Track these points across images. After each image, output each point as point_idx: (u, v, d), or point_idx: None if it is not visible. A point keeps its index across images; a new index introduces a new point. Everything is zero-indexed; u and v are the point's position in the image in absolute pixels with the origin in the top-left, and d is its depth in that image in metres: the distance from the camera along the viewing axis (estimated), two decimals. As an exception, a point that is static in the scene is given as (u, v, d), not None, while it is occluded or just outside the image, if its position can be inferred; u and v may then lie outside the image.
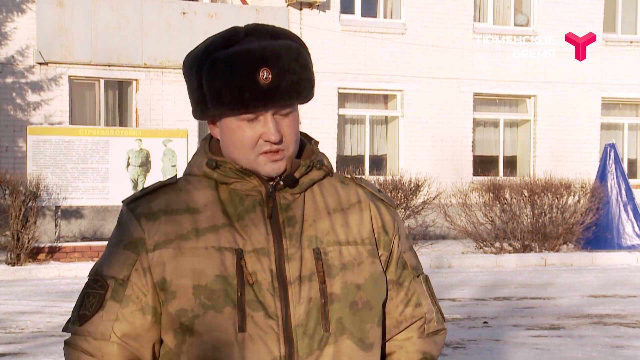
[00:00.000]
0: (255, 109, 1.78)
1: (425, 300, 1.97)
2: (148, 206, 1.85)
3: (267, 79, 1.76)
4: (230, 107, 1.78)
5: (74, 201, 14.97)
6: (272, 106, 1.79)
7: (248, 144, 1.81)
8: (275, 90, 1.77)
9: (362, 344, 1.84)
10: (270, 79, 1.76)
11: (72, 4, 17.43)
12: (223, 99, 1.77)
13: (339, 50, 19.30)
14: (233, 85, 1.76)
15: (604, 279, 13.47)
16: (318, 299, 1.80)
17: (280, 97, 1.78)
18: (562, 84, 20.92)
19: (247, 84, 1.76)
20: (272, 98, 1.77)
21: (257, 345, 1.76)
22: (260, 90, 1.76)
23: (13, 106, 17.40)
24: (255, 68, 1.76)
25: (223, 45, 1.80)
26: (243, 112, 1.78)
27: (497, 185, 16.28)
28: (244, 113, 1.79)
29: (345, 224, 1.88)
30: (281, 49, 1.78)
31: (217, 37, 1.83)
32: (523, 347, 8.08)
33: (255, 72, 1.76)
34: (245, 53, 1.77)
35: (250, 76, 1.76)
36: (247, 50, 1.77)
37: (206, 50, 1.81)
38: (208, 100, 1.80)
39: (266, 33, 1.83)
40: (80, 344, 1.83)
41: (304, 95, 1.83)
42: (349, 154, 19.88)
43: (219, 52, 1.79)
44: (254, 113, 1.79)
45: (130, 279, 1.82)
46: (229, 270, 1.78)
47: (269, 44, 1.79)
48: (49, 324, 9.27)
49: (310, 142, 1.94)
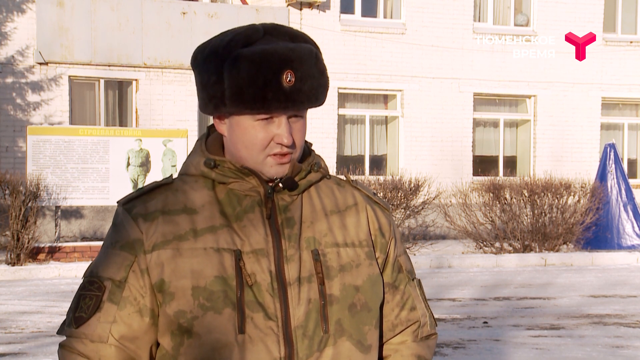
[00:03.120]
0: (276, 110, 1.77)
1: (419, 304, 1.97)
2: (145, 207, 1.84)
3: (291, 81, 1.76)
4: (251, 106, 1.77)
5: (74, 201, 14.97)
6: (292, 109, 1.78)
7: (260, 144, 1.80)
8: (297, 94, 1.77)
9: (360, 345, 1.84)
10: (293, 81, 1.76)
11: (72, 4, 17.43)
12: (244, 96, 1.76)
13: (339, 50, 19.30)
14: (257, 84, 1.75)
15: (604, 279, 13.47)
16: (317, 300, 1.80)
17: (301, 101, 1.78)
18: (562, 84, 20.91)
19: (271, 85, 1.75)
20: (293, 101, 1.77)
21: (257, 346, 1.76)
22: (283, 92, 1.75)
23: (13, 106, 17.39)
24: (280, 69, 1.75)
25: (244, 42, 1.78)
26: (263, 112, 1.77)
27: (497, 185, 16.28)
28: (263, 113, 1.78)
29: (343, 225, 1.88)
30: (304, 53, 1.78)
31: (237, 34, 1.80)
32: (523, 347, 8.07)
33: (280, 73, 1.75)
34: (271, 53, 1.75)
35: (274, 77, 1.75)
36: (274, 51, 1.76)
37: (228, 45, 1.78)
38: (227, 96, 1.77)
39: (285, 34, 1.82)
40: (77, 346, 1.81)
41: (321, 100, 1.83)
42: (349, 154, 19.87)
43: (242, 49, 1.77)
44: (272, 114, 1.78)
45: (127, 281, 1.81)
46: (228, 271, 1.77)
47: (295, 46, 1.78)
48: (49, 324, 9.27)
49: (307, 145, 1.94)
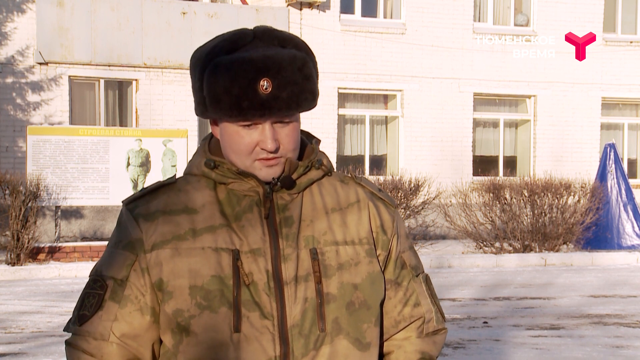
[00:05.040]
0: (253, 117, 1.77)
1: (424, 300, 1.97)
2: (147, 206, 1.86)
3: (267, 89, 1.75)
4: (228, 114, 1.78)
5: (74, 201, 14.98)
6: (270, 116, 1.78)
7: (245, 149, 1.81)
8: (274, 101, 1.76)
9: (358, 343, 1.84)
10: (270, 89, 1.75)
11: (72, 4, 17.43)
12: (221, 104, 1.77)
13: (339, 50, 19.30)
14: (232, 92, 1.75)
15: (604, 279, 13.47)
16: (314, 299, 1.80)
17: (279, 108, 1.77)
18: (562, 84, 20.92)
19: (246, 93, 1.75)
20: (270, 109, 1.76)
21: (252, 345, 1.77)
22: (259, 100, 1.75)
23: (13, 106, 17.40)
24: (255, 77, 1.75)
25: (228, 48, 1.79)
26: (240, 119, 1.78)
27: (497, 185, 16.28)
28: (241, 120, 1.78)
29: (343, 223, 1.88)
30: (284, 60, 1.77)
31: (224, 40, 1.81)
32: (523, 347, 8.08)
33: (256, 81, 1.75)
34: (247, 62, 1.75)
35: (250, 85, 1.75)
36: (250, 59, 1.75)
37: (210, 52, 1.80)
38: (207, 104, 1.80)
39: (274, 39, 1.81)
40: (81, 344, 1.84)
41: (304, 107, 1.81)
42: (349, 154, 19.88)
43: (222, 57, 1.78)
44: (251, 121, 1.78)
45: (129, 279, 1.83)
46: (225, 270, 1.78)
47: (274, 53, 1.77)
48: (49, 324, 9.27)
49: (311, 141, 1.94)
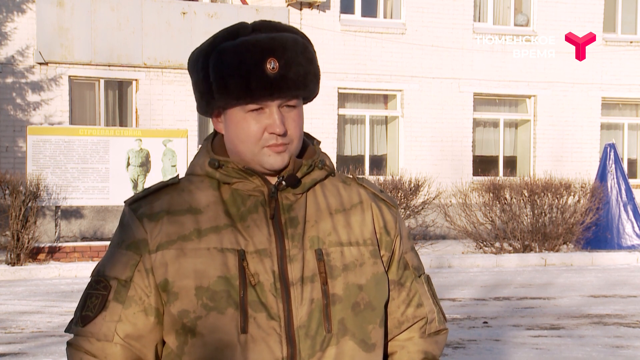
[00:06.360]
0: (262, 98, 1.78)
1: (426, 300, 1.98)
2: (150, 207, 1.85)
3: (274, 68, 1.76)
4: (236, 96, 1.78)
5: (74, 201, 14.97)
6: (279, 96, 1.79)
7: (253, 136, 1.80)
8: (282, 80, 1.77)
9: (364, 344, 1.84)
10: (277, 68, 1.77)
11: (72, 4, 17.43)
12: (229, 87, 1.77)
13: (339, 50, 19.30)
14: (240, 74, 1.76)
15: (604, 279, 13.47)
16: (320, 300, 1.80)
17: (287, 88, 1.78)
18: (562, 84, 20.92)
19: (254, 73, 1.76)
20: (278, 88, 1.77)
21: (260, 346, 1.76)
22: (267, 79, 1.76)
23: (13, 106, 17.39)
24: (262, 57, 1.76)
25: (230, 37, 1.81)
26: (249, 101, 1.78)
27: (497, 185, 16.28)
28: (250, 102, 1.79)
29: (347, 224, 1.88)
30: (288, 41, 1.79)
31: (224, 31, 1.83)
32: (523, 347, 8.08)
33: (263, 61, 1.76)
34: (252, 43, 1.77)
35: (257, 65, 1.76)
36: (255, 41, 1.78)
37: (213, 42, 1.82)
38: (214, 90, 1.80)
39: (272, 28, 1.83)
40: (83, 344, 1.83)
41: (310, 89, 1.83)
42: (349, 154, 19.88)
43: (226, 43, 1.80)
44: (259, 103, 1.79)
45: (133, 280, 1.82)
46: (231, 271, 1.78)
47: (277, 35, 1.80)
48: (49, 324, 9.27)
49: (313, 142, 1.94)
